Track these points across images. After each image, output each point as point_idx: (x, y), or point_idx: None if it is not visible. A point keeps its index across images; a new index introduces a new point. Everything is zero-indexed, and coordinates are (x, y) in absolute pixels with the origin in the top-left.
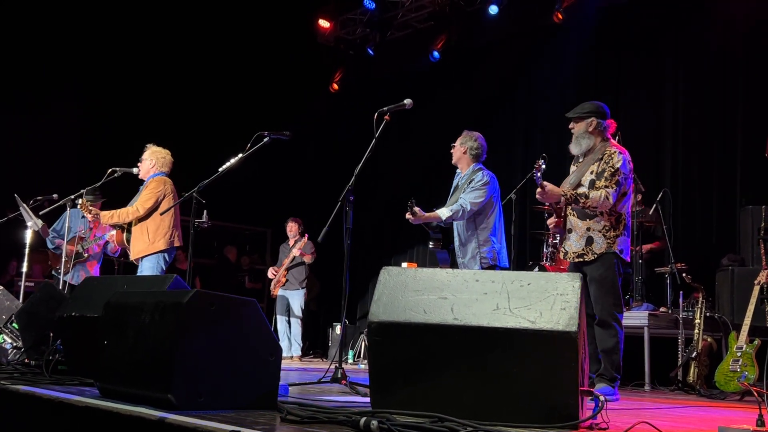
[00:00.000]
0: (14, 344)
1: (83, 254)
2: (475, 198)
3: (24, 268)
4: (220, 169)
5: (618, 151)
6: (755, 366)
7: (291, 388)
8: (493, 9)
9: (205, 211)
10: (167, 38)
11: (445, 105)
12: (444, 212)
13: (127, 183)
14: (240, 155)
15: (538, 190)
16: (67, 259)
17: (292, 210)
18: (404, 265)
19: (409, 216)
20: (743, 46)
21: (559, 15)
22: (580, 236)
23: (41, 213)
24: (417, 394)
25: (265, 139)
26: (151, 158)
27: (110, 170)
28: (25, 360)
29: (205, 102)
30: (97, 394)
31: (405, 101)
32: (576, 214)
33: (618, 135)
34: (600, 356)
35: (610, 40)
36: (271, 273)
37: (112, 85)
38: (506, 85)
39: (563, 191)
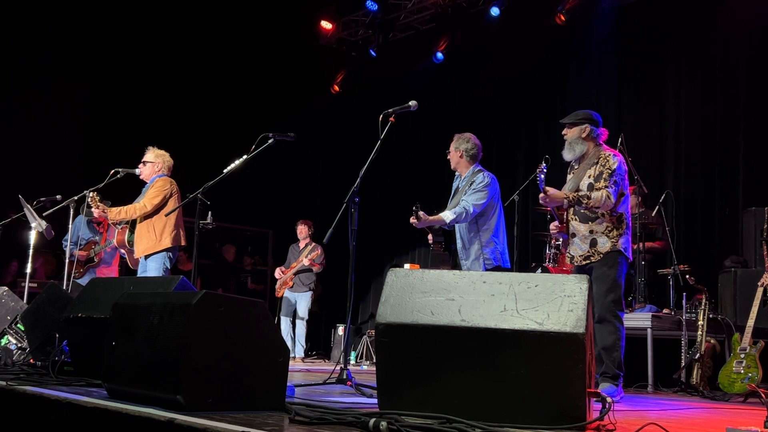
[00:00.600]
0: (19, 345)
1: (94, 259)
2: (477, 200)
3: (28, 269)
4: (224, 171)
5: (612, 154)
6: (759, 368)
7: (296, 389)
8: (495, 11)
9: (210, 213)
10: (170, 40)
11: (447, 106)
12: (447, 215)
13: (129, 184)
14: (245, 157)
15: (541, 195)
16: (79, 264)
17: (294, 211)
18: (406, 266)
19: (413, 220)
20: (746, 47)
21: (562, 17)
22: (584, 239)
23: (45, 214)
24: (424, 395)
25: (270, 141)
26: (156, 160)
27: (113, 171)
28: (30, 360)
29: (206, 103)
30: (104, 395)
31: (410, 103)
32: (578, 218)
33: (621, 137)
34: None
35: (613, 41)
36: (278, 273)
37: (114, 87)
38: (508, 87)
39: (565, 194)
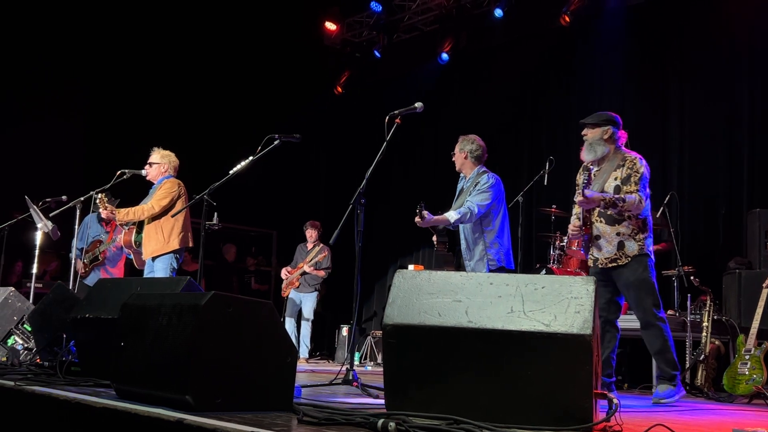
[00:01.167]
0: (25, 345)
1: (99, 257)
2: (481, 200)
3: (34, 270)
4: (230, 172)
5: (639, 158)
6: (764, 369)
7: (303, 389)
8: (498, 12)
9: (216, 214)
10: (173, 40)
11: (451, 107)
12: (452, 215)
13: (135, 185)
14: (251, 158)
15: (579, 198)
16: (82, 261)
17: (298, 211)
18: (411, 267)
19: (417, 220)
20: (749, 47)
21: (566, 18)
22: (611, 241)
23: (51, 215)
24: (431, 396)
25: (276, 142)
26: (162, 161)
27: (119, 172)
28: (37, 360)
29: (210, 104)
30: (113, 395)
31: (416, 105)
32: (604, 220)
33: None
34: (655, 359)
35: (617, 43)
36: (284, 273)
37: (116, 87)
38: (513, 88)
39: (602, 197)
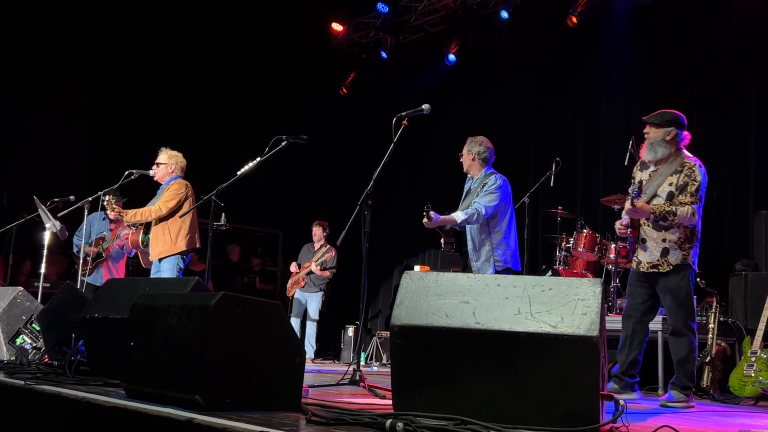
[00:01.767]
0: (34, 345)
1: (102, 254)
2: (489, 202)
3: (42, 269)
4: (238, 173)
5: (698, 165)
6: None
7: (309, 390)
8: (504, 14)
9: (224, 214)
10: (179, 41)
11: (458, 108)
12: (459, 215)
13: (143, 185)
14: (258, 159)
15: (628, 207)
16: (87, 260)
17: (304, 212)
18: (417, 268)
19: (425, 220)
20: (756, 48)
21: (574, 19)
22: (656, 247)
23: (59, 215)
24: (439, 397)
25: (283, 143)
26: (169, 162)
27: (127, 172)
28: (46, 360)
29: (216, 105)
30: (122, 395)
31: (423, 106)
32: (651, 225)
33: (632, 138)
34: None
35: (624, 43)
36: (293, 267)
37: (121, 88)
38: (519, 89)
39: (652, 209)
